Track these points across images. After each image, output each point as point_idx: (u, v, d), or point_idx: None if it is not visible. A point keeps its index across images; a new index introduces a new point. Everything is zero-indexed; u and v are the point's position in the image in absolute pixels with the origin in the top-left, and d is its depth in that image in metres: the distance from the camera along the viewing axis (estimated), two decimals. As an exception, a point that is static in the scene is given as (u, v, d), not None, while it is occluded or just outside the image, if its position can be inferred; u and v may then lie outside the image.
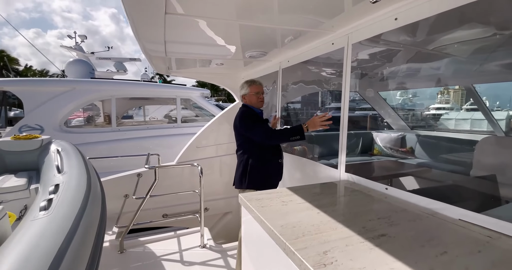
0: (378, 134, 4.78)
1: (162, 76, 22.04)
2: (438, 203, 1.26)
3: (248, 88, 2.20)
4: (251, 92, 2.19)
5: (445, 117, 13.56)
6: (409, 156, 4.33)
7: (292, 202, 1.35)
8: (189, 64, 3.09)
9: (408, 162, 3.74)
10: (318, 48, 2.05)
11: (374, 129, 5.22)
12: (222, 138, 3.84)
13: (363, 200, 1.40)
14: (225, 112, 3.86)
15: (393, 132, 4.74)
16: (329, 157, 4.01)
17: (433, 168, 3.20)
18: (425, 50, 2.25)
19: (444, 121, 5.92)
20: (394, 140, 4.55)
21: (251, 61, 2.75)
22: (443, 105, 17.73)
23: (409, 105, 6.95)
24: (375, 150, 4.55)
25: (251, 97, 2.19)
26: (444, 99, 18.84)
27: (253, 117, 2.10)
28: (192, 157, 3.67)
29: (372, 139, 4.82)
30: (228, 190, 3.83)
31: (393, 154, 4.36)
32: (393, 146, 4.52)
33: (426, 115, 6.01)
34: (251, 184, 2.10)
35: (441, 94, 19.51)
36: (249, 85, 2.20)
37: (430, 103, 5.88)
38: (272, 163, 2.16)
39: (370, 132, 4.92)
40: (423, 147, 4.32)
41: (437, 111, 11.70)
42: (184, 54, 2.51)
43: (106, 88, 5.87)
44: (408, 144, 4.55)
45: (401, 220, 1.15)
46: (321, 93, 12.23)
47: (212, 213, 3.74)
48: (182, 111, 6.69)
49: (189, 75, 3.53)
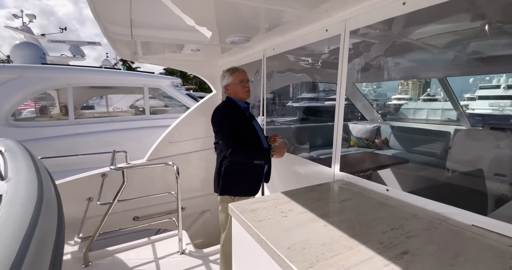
0: (354, 125, 4.81)
1: (126, 63, 20.41)
2: (447, 207, 1.17)
3: (230, 77, 1.88)
4: (235, 81, 1.87)
5: (405, 107, 14.39)
6: (384, 147, 4.43)
7: (292, 212, 1.18)
8: (158, 50, 2.73)
9: (391, 155, 3.78)
10: (309, 35, 1.86)
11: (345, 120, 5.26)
12: (198, 132, 3.56)
13: (366, 204, 1.28)
14: (201, 103, 3.56)
15: (368, 123, 4.80)
16: (312, 150, 3.96)
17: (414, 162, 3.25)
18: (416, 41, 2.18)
19: (404, 110, 6.22)
20: (369, 131, 4.60)
21: (230, 47, 2.49)
22: (403, 95, 18.65)
23: (374, 95, 7.06)
24: (352, 142, 4.58)
25: (235, 87, 1.87)
26: (404, 90, 19.69)
27: (228, 118, 1.77)
28: (165, 154, 3.35)
29: (348, 131, 4.84)
30: (205, 187, 3.60)
31: (369, 145, 4.42)
32: (368, 137, 4.58)
33: (389, 105, 6.14)
34: (225, 190, 1.85)
35: (401, 86, 20.14)
36: (231, 73, 1.88)
37: (393, 94, 5.99)
38: (251, 167, 1.86)
39: (346, 124, 4.94)
40: (398, 138, 4.43)
41: (398, 101, 12.28)
42: (152, 37, 2.17)
43: (60, 75, 5.17)
44: (382, 135, 4.64)
45: (416, 230, 1.03)
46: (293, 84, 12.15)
47: (189, 212, 3.49)
48: (150, 101, 6.18)
49: (158, 62, 3.15)
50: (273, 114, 5.55)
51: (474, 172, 1.99)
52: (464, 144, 2.48)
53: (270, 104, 5.51)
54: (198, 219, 3.63)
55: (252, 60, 2.64)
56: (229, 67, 1.96)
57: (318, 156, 3.71)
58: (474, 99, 14.17)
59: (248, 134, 1.83)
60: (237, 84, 1.88)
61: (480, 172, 1.95)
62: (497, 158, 1.97)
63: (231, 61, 3.12)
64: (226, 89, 1.94)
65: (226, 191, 1.85)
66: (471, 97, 14.61)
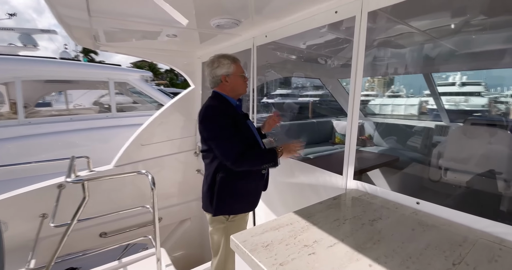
0: (338, 122, 4.67)
1: (88, 55, 18.70)
2: (496, 224, 0.96)
3: (232, 66, 1.48)
4: (237, 72, 1.49)
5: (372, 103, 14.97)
6: (369, 143, 4.35)
7: (319, 244, 0.89)
8: (125, 36, 2.29)
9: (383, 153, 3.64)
10: (312, 19, 1.57)
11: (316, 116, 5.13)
12: (174, 132, 3.15)
13: (402, 225, 1.03)
14: (177, 100, 3.15)
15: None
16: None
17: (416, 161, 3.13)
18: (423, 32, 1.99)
19: (372, 106, 6.26)
20: (354, 128, 4.49)
21: (214, 33, 2.13)
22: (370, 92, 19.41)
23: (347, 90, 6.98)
24: (337, 139, 4.43)
25: (237, 80, 1.50)
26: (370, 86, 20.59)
27: (224, 119, 1.41)
28: (136, 157, 2.91)
29: (332, 128, 4.70)
30: (183, 194, 3.21)
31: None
32: (354, 134, 4.46)
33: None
34: (222, 209, 1.50)
35: (369, 83, 21.09)
36: (232, 61, 1.49)
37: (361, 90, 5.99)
38: (251, 176, 1.53)
39: (330, 120, 4.79)
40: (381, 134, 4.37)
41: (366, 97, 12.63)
42: (116, 20, 1.75)
43: (6, 67, 4.39)
44: (366, 131, 4.56)
45: (481, 263, 0.80)
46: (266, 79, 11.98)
47: (167, 222, 3.09)
48: (116, 97, 5.54)
49: (126, 51, 2.68)
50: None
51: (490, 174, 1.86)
52: (473, 142, 2.37)
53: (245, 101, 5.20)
54: (177, 230, 3.23)
55: (238, 50, 2.29)
56: (212, 57, 1.54)
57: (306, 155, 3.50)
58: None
59: (246, 137, 1.50)
60: (240, 77, 1.50)
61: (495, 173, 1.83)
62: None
63: (212, 52, 2.74)
64: (224, 80, 1.49)
65: (223, 210, 1.50)
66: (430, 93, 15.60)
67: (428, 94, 14.32)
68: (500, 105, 19.67)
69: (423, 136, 3.80)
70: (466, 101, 17.57)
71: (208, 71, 1.51)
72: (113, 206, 2.57)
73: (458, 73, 17.97)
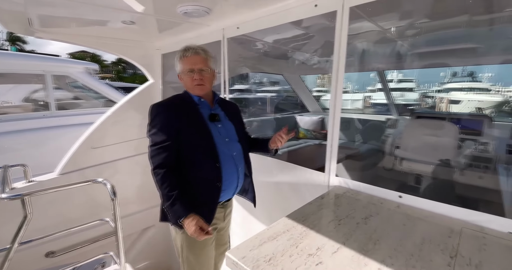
0: (301, 117, 4.78)
1: (16, 43, 15.88)
2: (480, 214, 1.03)
3: (178, 63, 1.32)
4: (183, 69, 1.31)
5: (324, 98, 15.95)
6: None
7: (322, 251, 0.83)
8: (67, 21, 1.94)
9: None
10: (290, 11, 1.50)
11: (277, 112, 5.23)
12: (130, 132, 2.83)
13: (392, 222, 1.04)
14: (133, 96, 2.82)
15: (314, 115, 4.84)
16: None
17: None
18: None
19: (324, 101, 6.62)
20: (315, 123, 4.64)
21: (175, 23, 1.92)
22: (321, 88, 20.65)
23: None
24: (301, 134, 4.53)
25: (184, 77, 1.32)
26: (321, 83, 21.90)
27: (163, 118, 1.25)
28: (86, 163, 2.54)
29: (296, 123, 4.79)
30: (145, 200, 2.93)
31: (316, 137, 4.45)
32: (315, 128, 4.61)
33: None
34: (166, 218, 1.29)
35: (320, 79, 22.46)
36: (178, 58, 1.32)
37: (312, 87, 6.23)
38: (202, 187, 1.30)
39: (294, 116, 4.87)
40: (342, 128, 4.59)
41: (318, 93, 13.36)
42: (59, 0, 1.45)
43: None
44: (327, 126, 4.75)
45: (473, 253, 0.83)
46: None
47: (126, 233, 2.77)
48: (55, 93, 4.82)
49: (69, 39, 2.27)
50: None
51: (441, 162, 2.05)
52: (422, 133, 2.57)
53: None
54: (140, 239, 2.95)
55: (206, 42, 2.12)
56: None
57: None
58: (375, 91, 16.75)
59: (194, 144, 1.29)
60: (185, 75, 1.31)
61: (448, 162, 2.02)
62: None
63: (174, 43, 2.51)
64: (180, 79, 1.36)
65: (166, 218, 1.31)
66: (373, 89, 17.24)
67: (371, 90, 15.84)
68: (428, 99, 22.51)
69: (378, 129, 4.09)
70: (402, 96, 19.80)
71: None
72: (61, 220, 2.22)
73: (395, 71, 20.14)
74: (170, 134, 1.23)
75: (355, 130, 4.36)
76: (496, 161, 2.23)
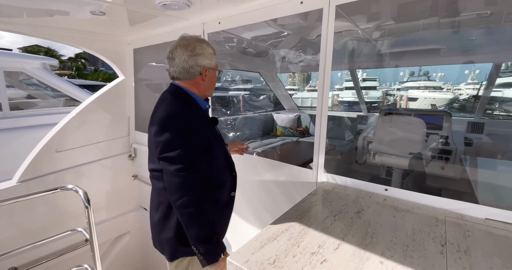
0: (278, 115, 4.82)
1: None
2: (458, 203, 1.10)
3: (214, 58, 1.15)
4: (215, 66, 1.16)
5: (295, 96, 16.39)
6: (306, 134, 4.63)
7: (324, 249, 0.83)
8: (22, 8, 1.73)
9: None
10: (275, 7, 1.47)
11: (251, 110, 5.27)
12: (99, 133, 2.63)
13: (383, 215, 1.07)
14: (101, 95, 2.62)
15: (290, 113, 4.91)
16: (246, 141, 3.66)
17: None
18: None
19: (294, 99, 6.82)
20: (292, 121, 4.71)
21: (151, 15, 1.81)
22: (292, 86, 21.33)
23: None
24: (278, 131, 4.57)
25: (214, 76, 1.18)
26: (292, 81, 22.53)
27: (197, 137, 1.03)
28: (49, 169, 2.31)
29: (273, 121, 4.82)
30: (118, 205, 2.76)
31: (293, 134, 4.52)
32: (292, 126, 4.68)
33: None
34: (186, 250, 1.09)
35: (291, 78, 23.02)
36: (213, 52, 1.15)
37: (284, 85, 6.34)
38: (220, 201, 1.18)
39: (271, 114, 4.89)
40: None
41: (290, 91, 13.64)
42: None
43: None
44: (303, 123, 4.85)
45: (459, 240, 0.89)
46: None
47: (101, 241, 2.58)
48: (8, 91, 4.32)
49: (21, 29, 2.01)
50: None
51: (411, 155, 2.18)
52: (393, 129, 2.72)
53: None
54: (114, 248, 2.75)
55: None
56: (189, 39, 1.10)
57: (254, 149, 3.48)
58: (342, 89, 17.56)
59: (217, 154, 1.14)
60: (213, 73, 1.17)
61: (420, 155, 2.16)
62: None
63: (148, 37, 2.37)
64: (203, 74, 1.12)
65: (188, 251, 1.08)
66: (340, 88, 18.07)
67: (339, 88, 16.52)
68: (390, 97, 24.06)
69: (350, 125, 4.26)
70: (366, 94, 20.94)
71: (186, 56, 1.07)
72: (24, 232, 2.00)
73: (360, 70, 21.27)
74: (201, 152, 1.05)
75: (330, 127, 4.50)
76: (456, 152, 2.45)
